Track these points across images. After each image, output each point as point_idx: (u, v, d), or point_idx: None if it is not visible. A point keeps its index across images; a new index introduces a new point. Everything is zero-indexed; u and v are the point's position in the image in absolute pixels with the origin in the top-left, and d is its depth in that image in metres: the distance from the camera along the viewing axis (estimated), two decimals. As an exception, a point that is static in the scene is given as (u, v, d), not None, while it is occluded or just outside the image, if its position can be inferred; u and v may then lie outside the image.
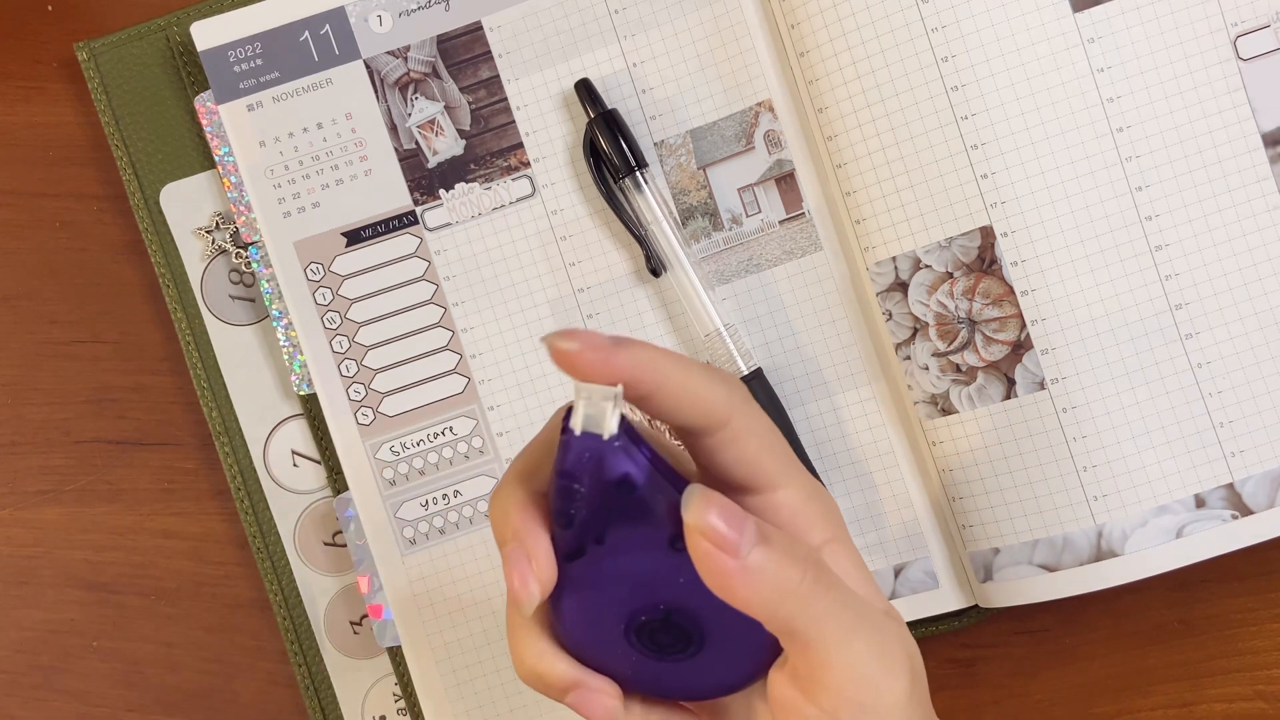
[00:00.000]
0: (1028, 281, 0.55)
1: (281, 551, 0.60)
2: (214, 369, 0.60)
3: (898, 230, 0.56)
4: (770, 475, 0.45)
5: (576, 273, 0.59)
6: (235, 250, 0.60)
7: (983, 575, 0.57)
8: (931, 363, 0.56)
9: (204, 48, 0.59)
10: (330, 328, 0.59)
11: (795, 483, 0.45)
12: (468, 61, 0.59)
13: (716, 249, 0.59)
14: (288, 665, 0.62)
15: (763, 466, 0.44)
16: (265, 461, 0.61)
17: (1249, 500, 0.55)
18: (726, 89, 0.59)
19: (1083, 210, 0.55)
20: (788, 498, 0.45)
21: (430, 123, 0.59)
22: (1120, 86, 0.55)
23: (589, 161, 0.58)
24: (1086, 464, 0.55)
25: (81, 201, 0.62)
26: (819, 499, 0.45)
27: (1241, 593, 0.60)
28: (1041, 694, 0.61)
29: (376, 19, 0.59)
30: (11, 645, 0.62)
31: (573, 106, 0.59)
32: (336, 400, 0.59)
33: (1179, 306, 0.55)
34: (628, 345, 0.40)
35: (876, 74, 0.55)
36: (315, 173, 0.59)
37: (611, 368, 0.40)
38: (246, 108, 0.59)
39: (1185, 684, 0.60)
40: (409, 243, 0.59)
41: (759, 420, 0.44)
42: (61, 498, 0.61)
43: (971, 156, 0.55)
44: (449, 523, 0.59)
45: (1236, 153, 0.55)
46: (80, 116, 0.62)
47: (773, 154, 0.58)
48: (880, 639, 0.44)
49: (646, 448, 0.39)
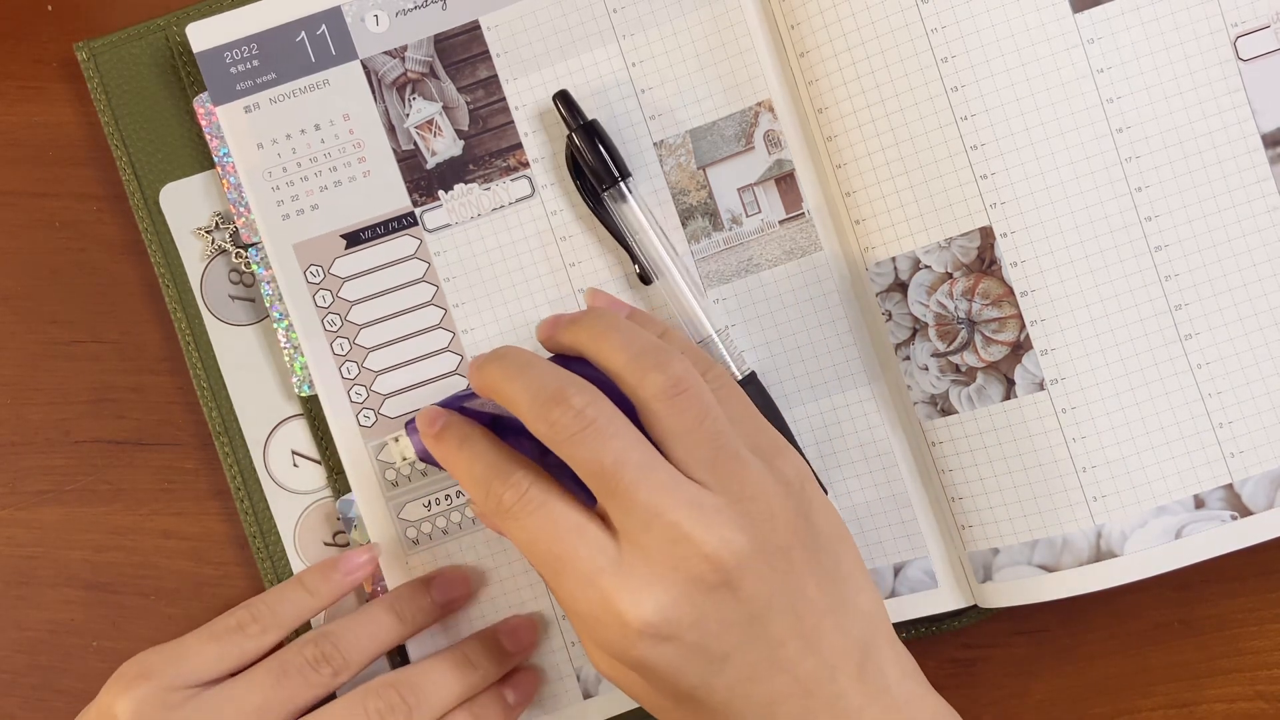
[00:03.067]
0: (1027, 282, 0.55)
1: (281, 551, 0.60)
2: (214, 369, 0.60)
3: (897, 230, 0.56)
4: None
5: (577, 273, 0.59)
6: (235, 250, 0.60)
7: (982, 575, 0.57)
8: (931, 363, 0.56)
9: (200, 49, 0.59)
10: (331, 330, 0.59)
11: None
12: (465, 61, 0.59)
13: (716, 249, 0.59)
14: (288, 665, 0.62)
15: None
16: (265, 461, 0.61)
17: (1248, 501, 0.55)
18: (726, 89, 0.58)
19: (1082, 211, 0.55)
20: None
21: (428, 123, 0.59)
22: (1120, 87, 0.55)
23: (572, 173, 0.58)
24: (1086, 464, 0.55)
25: (81, 201, 0.62)
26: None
27: (1241, 593, 0.60)
28: (1041, 694, 0.61)
29: (373, 19, 0.59)
30: (11, 645, 0.62)
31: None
32: (338, 402, 0.59)
33: (1179, 307, 0.55)
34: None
35: (876, 74, 0.55)
36: (314, 174, 0.59)
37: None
38: (244, 109, 0.59)
39: (1185, 684, 0.60)
40: (409, 244, 0.59)
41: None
42: (61, 498, 0.61)
43: (971, 157, 0.55)
44: (451, 523, 0.59)
45: (1236, 153, 0.55)
46: (80, 116, 0.62)
47: (773, 154, 0.58)
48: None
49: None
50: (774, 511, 0.48)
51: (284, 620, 0.57)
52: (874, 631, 0.50)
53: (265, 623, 0.56)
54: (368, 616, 0.57)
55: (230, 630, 0.55)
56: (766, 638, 0.48)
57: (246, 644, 0.55)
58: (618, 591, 0.47)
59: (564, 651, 0.59)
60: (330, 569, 0.58)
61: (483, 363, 0.51)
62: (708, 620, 0.47)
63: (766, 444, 0.50)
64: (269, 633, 0.56)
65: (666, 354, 0.49)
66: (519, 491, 0.49)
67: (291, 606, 0.57)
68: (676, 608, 0.47)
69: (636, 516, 0.47)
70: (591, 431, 0.48)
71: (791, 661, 0.48)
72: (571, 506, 0.49)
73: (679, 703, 0.49)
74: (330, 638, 0.55)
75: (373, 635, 0.56)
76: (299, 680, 0.54)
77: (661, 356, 0.49)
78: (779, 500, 0.49)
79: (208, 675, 0.55)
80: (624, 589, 0.47)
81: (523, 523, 0.49)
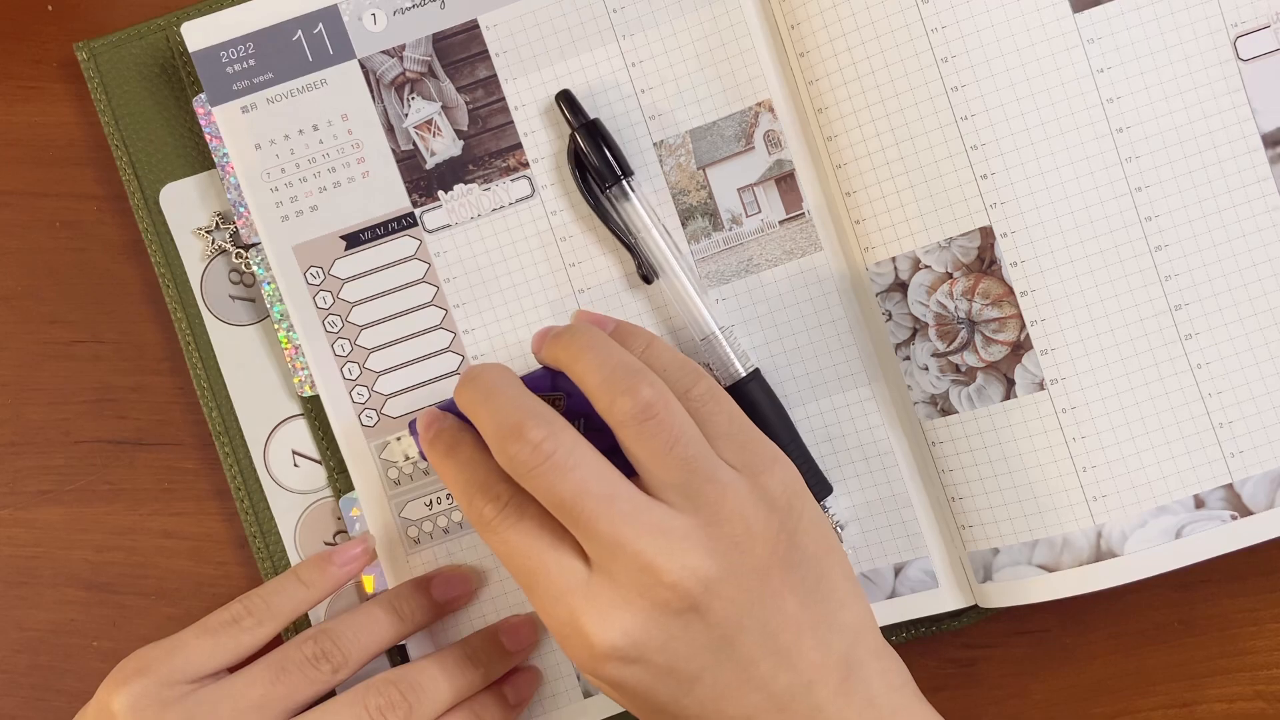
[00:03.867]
0: (1027, 282, 0.55)
1: (281, 551, 0.60)
2: (214, 369, 0.60)
3: (897, 230, 0.56)
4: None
5: (577, 273, 0.59)
6: (235, 250, 0.60)
7: (982, 575, 0.57)
8: (931, 363, 0.56)
9: (195, 48, 0.59)
10: (332, 331, 0.59)
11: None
12: (464, 61, 0.59)
13: (716, 249, 0.59)
14: (288, 665, 0.62)
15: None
16: (265, 461, 0.61)
17: (1248, 501, 0.55)
18: (726, 89, 0.58)
19: (1083, 210, 0.55)
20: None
21: (427, 123, 0.59)
22: (1120, 87, 0.54)
23: (574, 172, 0.58)
24: (1086, 464, 0.55)
25: (81, 201, 0.62)
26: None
27: (1241, 593, 0.60)
28: (1041, 694, 0.61)
29: (370, 17, 0.59)
30: (11, 645, 0.62)
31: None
32: (340, 403, 0.59)
33: (1179, 307, 0.55)
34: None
35: (876, 74, 0.55)
36: (312, 175, 0.59)
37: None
38: (241, 109, 0.59)
39: (1185, 684, 0.60)
40: (408, 245, 0.59)
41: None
42: (61, 498, 0.62)
43: (971, 157, 0.55)
44: (453, 522, 0.59)
45: (1236, 153, 0.55)
46: (80, 116, 0.62)
47: (773, 154, 0.58)
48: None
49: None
50: (752, 532, 0.49)
51: (279, 613, 0.56)
52: (858, 645, 0.50)
53: (260, 616, 0.56)
54: (367, 614, 0.57)
55: (225, 624, 0.55)
56: (738, 658, 0.48)
57: (242, 638, 0.55)
58: (584, 614, 0.48)
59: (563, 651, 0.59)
60: (325, 561, 0.58)
61: (459, 384, 0.52)
62: (675, 643, 0.48)
63: (755, 459, 0.50)
64: (264, 625, 0.56)
65: (638, 376, 0.49)
66: (498, 506, 0.50)
67: (287, 599, 0.57)
68: (643, 632, 0.48)
69: (602, 545, 0.48)
70: (549, 466, 0.48)
71: (765, 679, 0.48)
72: (546, 525, 0.50)
73: (655, 714, 0.50)
74: (329, 634, 0.56)
75: (372, 632, 0.56)
76: (298, 676, 0.54)
77: (632, 379, 0.49)
78: (759, 520, 0.49)
79: (204, 670, 0.55)
80: (590, 611, 0.48)
81: (501, 535, 0.50)
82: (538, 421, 0.49)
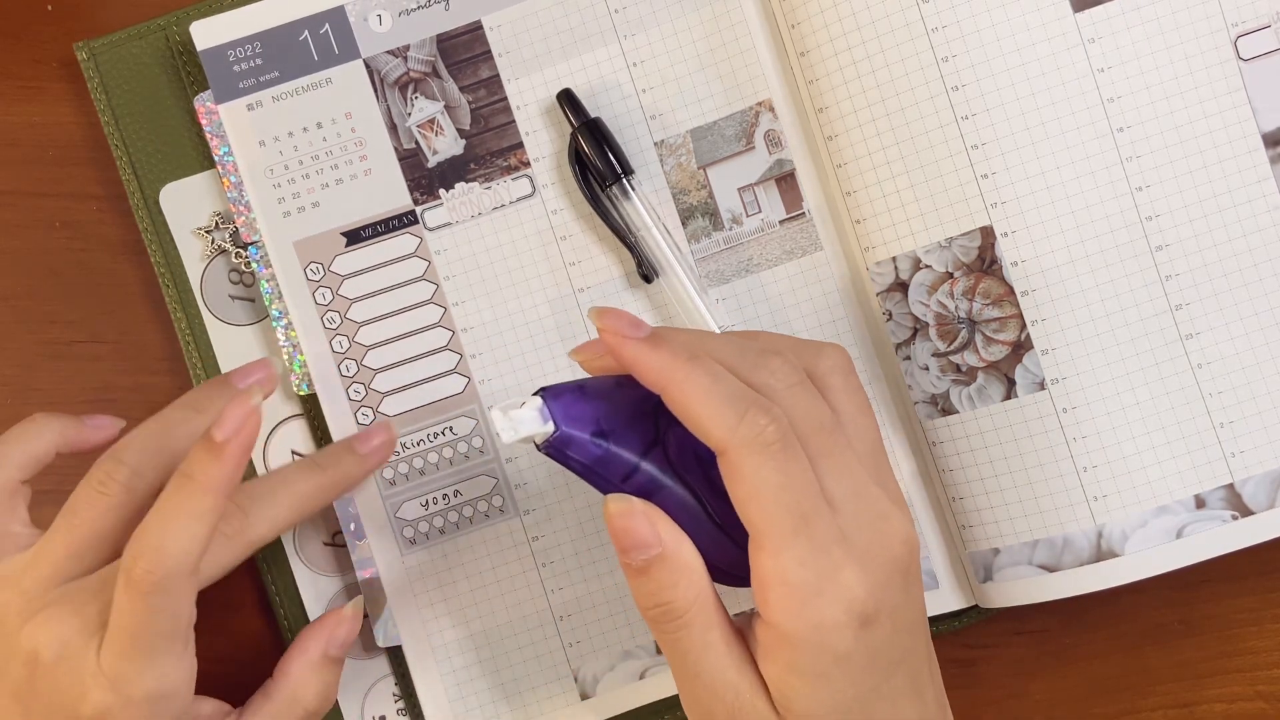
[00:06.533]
0: (1028, 281, 0.55)
1: (281, 551, 0.60)
2: (214, 369, 0.60)
3: (898, 230, 0.56)
4: (753, 528, 0.45)
5: (577, 272, 0.59)
6: (235, 250, 0.60)
7: (982, 575, 0.57)
8: (931, 363, 0.56)
9: (203, 47, 0.59)
10: (330, 328, 0.59)
11: (774, 552, 0.44)
12: (467, 61, 0.59)
13: (716, 249, 0.59)
14: (287, 665, 0.62)
15: (747, 516, 0.44)
16: (265, 461, 0.61)
17: (1249, 501, 0.55)
18: (726, 88, 0.59)
19: (1083, 210, 0.55)
20: (761, 563, 0.45)
21: (430, 122, 0.59)
22: (1120, 86, 0.55)
23: (575, 170, 0.58)
24: (1086, 464, 0.55)
25: (81, 201, 0.62)
26: (800, 585, 0.44)
27: (1241, 593, 0.60)
28: (1041, 694, 0.61)
29: (376, 18, 0.59)
30: (11, 645, 0.62)
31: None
32: (336, 400, 0.59)
33: (1179, 307, 0.55)
34: (640, 345, 0.45)
35: (876, 74, 0.55)
36: (315, 172, 0.59)
37: (622, 359, 0.46)
38: (246, 107, 0.59)
39: (1185, 684, 0.60)
40: (409, 242, 0.59)
41: (754, 468, 0.44)
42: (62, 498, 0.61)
43: (972, 156, 0.55)
44: (449, 522, 0.59)
45: (1236, 153, 0.55)
46: (80, 116, 0.62)
47: (773, 154, 0.58)
48: (822, 557, 0.44)
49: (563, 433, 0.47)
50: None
51: (161, 455, 0.50)
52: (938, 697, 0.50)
53: (135, 467, 0.50)
54: (281, 468, 0.55)
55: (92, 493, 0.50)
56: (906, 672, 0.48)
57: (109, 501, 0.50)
58: (846, 566, 0.44)
59: (561, 652, 0.59)
60: (222, 383, 0.54)
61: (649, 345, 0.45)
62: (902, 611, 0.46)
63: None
64: (143, 476, 0.50)
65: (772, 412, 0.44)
66: (780, 427, 0.44)
67: (177, 432, 0.51)
68: (884, 590, 0.45)
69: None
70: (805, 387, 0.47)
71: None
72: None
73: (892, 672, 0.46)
74: (119, 453, 0.51)
75: (282, 476, 0.54)
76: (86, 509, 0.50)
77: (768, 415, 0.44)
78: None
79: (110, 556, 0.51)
80: (851, 563, 0.45)
81: (781, 464, 0.44)
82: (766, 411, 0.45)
